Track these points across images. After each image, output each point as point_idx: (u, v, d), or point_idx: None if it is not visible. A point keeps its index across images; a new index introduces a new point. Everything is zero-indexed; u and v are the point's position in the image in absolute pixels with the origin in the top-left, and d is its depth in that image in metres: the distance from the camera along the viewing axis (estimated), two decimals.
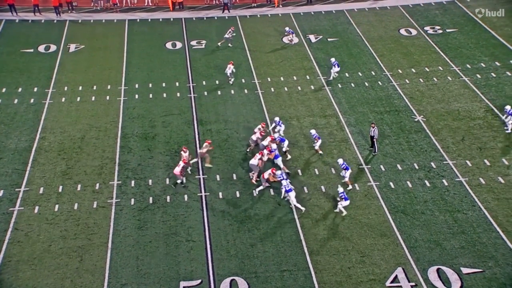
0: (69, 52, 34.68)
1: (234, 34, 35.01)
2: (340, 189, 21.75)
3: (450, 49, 33.38)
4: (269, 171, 22.75)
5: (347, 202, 21.54)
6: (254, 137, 24.98)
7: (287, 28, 35.31)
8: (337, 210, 21.76)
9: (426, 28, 36.24)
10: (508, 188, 22.52)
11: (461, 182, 23.03)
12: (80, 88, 30.66)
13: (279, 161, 23.78)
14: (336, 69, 30.29)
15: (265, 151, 23.69)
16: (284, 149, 24.70)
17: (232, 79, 30.59)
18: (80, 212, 22.03)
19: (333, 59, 30.55)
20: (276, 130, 25.90)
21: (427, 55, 32.86)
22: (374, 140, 24.77)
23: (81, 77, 31.75)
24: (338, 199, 21.90)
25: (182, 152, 23.94)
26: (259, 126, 25.40)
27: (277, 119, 26.16)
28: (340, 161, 23.12)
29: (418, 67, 31.60)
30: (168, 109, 28.77)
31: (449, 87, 29.56)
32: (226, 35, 34.57)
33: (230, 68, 30.34)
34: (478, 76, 30.38)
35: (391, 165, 24.24)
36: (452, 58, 32.39)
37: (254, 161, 23.20)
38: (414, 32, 35.99)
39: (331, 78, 30.38)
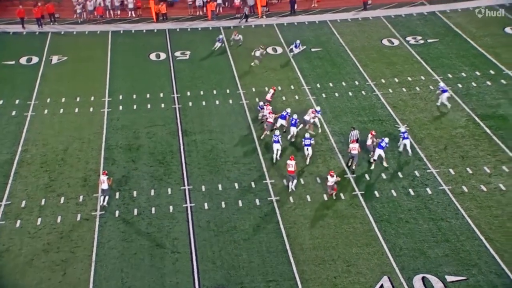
0: (52, 64, 34.45)
1: (237, 38, 35.90)
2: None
3: (431, 59, 33.83)
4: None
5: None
6: (307, 117, 26.58)
7: (220, 36, 35.89)
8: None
9: (408, 38, 36.72)
10: (490, 196, 22.79)
11: (445, 191, 23.25)
12: (63, 99, 30.42)
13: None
14: (445, 94, 28.42)
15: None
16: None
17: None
18: (64, 225, 21.75)
19: (441, 84, 29.64)
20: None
21: (409, 65, 33.26)
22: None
23: (64, 89, 31.52)
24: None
25: (102, 176, 22.79)
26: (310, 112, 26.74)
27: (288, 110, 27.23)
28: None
29: (401, 77, 31.96)
30: (152, 120, 28.66)
31: (431, 96, 29.92)
32: (233, 37, 35.83)
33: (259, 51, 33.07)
34: (460, 85, 30.81)
35: (376, 174, 24.39)
36: (433, 68, 32.83)
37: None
38: (396, 42, 36.43)
39: (447, 105, 28.59)
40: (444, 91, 28.53)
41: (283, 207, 22.65)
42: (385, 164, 24.53)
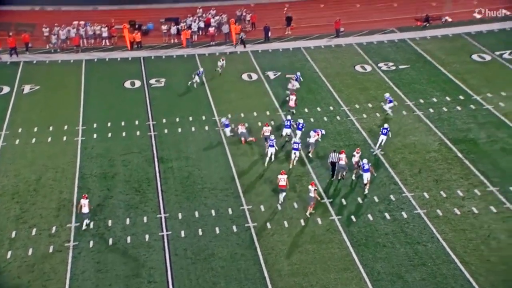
0: (24, 93, 34.06)
1: (224, 64, 36.34)
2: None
3: (403, 85, 34.55)
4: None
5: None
6: (312, 140, 27.31)
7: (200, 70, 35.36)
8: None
9: (380, 64, 37.51)
10: (464, 219, 23.10)
11: (420, 214, 23.49)
12: (36, 129, 29.98)
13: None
14: (389, 104, 30.82)
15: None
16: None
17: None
18: (35, 258, 21.17)
19: (387, 95, 31.26)
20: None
21: (382, 90, 33.87)
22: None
23: (37, 118, 31.10)
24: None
25: (82, 200, 22.75)
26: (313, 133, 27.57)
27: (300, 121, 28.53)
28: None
29: (374, 102, 32.50)
30: (127, 147, 28.42)
31: (405, 121, 30.47)
32: (218, 64, 36.21)
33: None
34: (431, 110, 31.47)
35: (352, 199, 24.54)
36: (406, 93, 33.51)
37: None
38: (369, 68, 37.17)
39: (390, 113, 30.84)
40: (390, 101, 30.76)
41: (261, 233, 22.53)
42: (366, 189, 24.67)
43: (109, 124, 30.53)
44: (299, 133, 28.04)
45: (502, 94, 32.60)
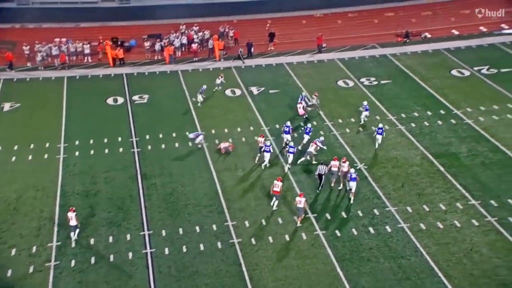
0: (3, 111, 33.66)
1: (224, 81, 36.24)
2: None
3: (385, 99, 34.93)
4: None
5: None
6: (311, 149, 27.84)
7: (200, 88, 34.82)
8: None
9: (362, 79, 37.92)
10: (447, 233, 23.27)
11: (403, 228, 23.61)
12: (16, 147, 29.59)
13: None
14: (366, 113, 31.83)
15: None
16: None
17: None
18: (14, 279, 20.72)
19: (365, 102, 32.17)
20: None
21: None
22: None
23: (17, 136, 30.70)
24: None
25: (69, 213, 22.73)
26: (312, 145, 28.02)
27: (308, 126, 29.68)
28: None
29: (357, 117, 32.77)
30: (110, 164, 28.17)
31: (387, 135, 30.73)
32: (217, 81, 35.92)
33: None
34: (413, 124, 31.84)
35: (337, 213, 24.59)
36: (388, 107, 33.87)
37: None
38: (351, 83, 37.54)
39: (362, 122, 31.88)
40: (366, 109, 31.82)
41: (246, 249, 22.42)
42: (352, 196, 25.06)
43: (91, 141, 30.27)
44: (306, 137, 29.16)
45: (481, 108, 33.15)
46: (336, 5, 51.70)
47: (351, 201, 25.03)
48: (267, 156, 27.56)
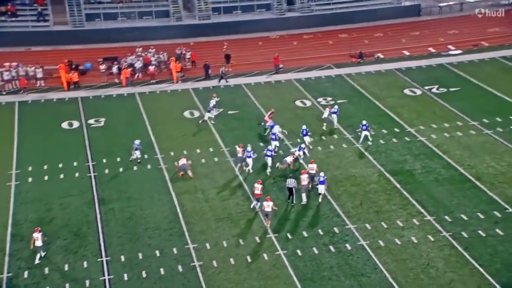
0: None
1: (218, 99, 36.16)
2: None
3: (342, 119, 35.54)
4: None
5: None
6: (288, 159, 28.88)
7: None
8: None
9: (319, 99, 38.58)
10: (404, 249, 23.69)
11: (363, 246, 23.92)
12: None
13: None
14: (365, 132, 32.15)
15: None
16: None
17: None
18: None
19: (364, 122, 32.39)
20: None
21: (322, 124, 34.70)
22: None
23: None
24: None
25: (35, 234, 22.46)
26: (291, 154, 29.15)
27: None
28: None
29: (315, 136, 33.23)
30: (66, 190, 27.45)
31: (345, 154, 31.29)
32: (211, 105, 35.30)
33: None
34: (369, 143, 32.54)
35: (298, 232, 24.69)
36: (344, 126, 34.52)
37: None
38: (308, 103, 38.13)
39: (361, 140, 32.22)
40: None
41: (207, 272, 22.16)
42: (320, 198, 26.32)
43: (45, 167, 29.46)
44: (306, 138, 31.18)
45: (433, 126, 34.26)
46: (291, 28, 52.70)
47: (320, 200, 26.38)
48: (250, 162, 28.67)
